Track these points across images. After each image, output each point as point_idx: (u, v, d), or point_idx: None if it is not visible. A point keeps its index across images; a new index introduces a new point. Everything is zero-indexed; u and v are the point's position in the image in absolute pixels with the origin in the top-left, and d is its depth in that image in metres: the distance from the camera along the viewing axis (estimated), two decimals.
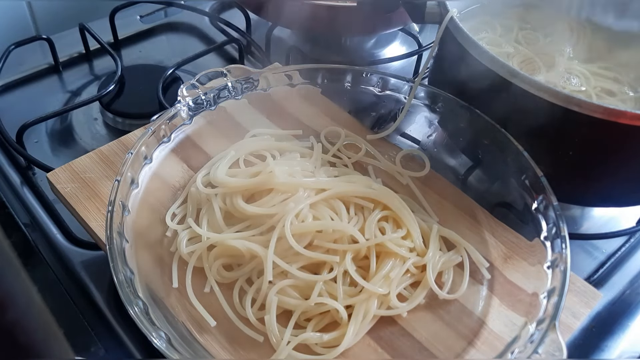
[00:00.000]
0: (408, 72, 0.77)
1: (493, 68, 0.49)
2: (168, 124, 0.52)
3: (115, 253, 0.41)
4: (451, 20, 0.53)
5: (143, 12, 0.85)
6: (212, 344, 0.43)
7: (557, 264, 0.44)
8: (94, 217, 0.50)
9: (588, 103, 0.45)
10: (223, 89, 0.56)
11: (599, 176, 0.51)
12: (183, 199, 0.52)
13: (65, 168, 0.53)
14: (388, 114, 0.60)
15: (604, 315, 0.54)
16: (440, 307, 0.47)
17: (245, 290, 0.46)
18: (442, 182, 0.56)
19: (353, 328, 0.44)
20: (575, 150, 0.49)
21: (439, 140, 0.58)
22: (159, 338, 0.38)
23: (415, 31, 0.83)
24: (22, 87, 0.73)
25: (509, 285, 0.48)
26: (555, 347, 0.38)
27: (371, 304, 0.45)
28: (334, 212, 0.49)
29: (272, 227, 0.47)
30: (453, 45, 0.53)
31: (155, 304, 0.42)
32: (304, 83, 0.58)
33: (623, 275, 0.58)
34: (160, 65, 0.77)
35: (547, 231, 0.46)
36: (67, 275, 0.53)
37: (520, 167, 0.50)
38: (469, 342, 0.45)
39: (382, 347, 0.45)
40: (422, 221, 0.51)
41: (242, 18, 0.81)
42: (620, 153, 0.49)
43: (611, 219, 0.62)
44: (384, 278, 0.46)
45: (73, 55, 0.78)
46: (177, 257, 0.48)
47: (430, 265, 0.48)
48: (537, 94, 0.47)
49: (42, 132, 0.67)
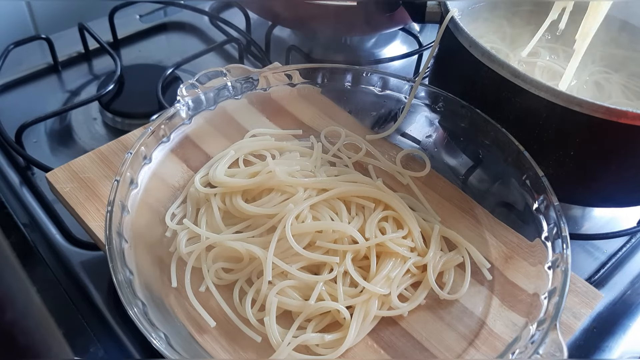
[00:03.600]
0: (408, 72, 0.77)
1: (494, 68, 0.49)
2: (167, 124, 0.52)
3: (115, 253, 0.41)
4: (451, 19, 0.53)
5: (142, 11, 0.85)
6: (211, 344, 0.43)
7: (558, 264, 0.44)
8: (93, 217, 0.49)
9: (589, 103, 0.45)
10: (223, 88, 0.56)
11: (600, 176, 0.51)
12: (183, 199, 0.52)
13: (64, 168, 0.53)
14: (388, 113, 0.60)
15: (604, 315, 0.54)
16: (440, 307, 0.47)
17: (245, 290, 0.46)
18: (442, 182, 0.56)
19: (354, 329, 0.43)
20: (576, 150, 0.49)
21: (439, 140, 0.58)
22: (159, 339, 0.38)
23: (415, 31, 0.83)
24: (21, 86, 0.73)
25: (510, 286, 0.48)
26: (556, 347, 0.38)
27: (372, 304, 0.45)
28: (334, 213, 0.49)
29: (272, 227, 0.47)
30: (454, 44, 0.53)
31: (155, 305, 0.42)
32: (304, 83, 0.58)
33: (624, 275, 0.57)
34: (160, 64, 0.76)
35: (548, 231, 0.46)
36: (66, 275, 0.53)
37: (521, 167, 0.50)
38: (470, 342, 0.45)
39: (382, 347, 0.44)
40: (424, 221, 0.51)
41: (242, 17, 0.81)
42: (622, 153, 0.49)
43: (612, 219, 0.62)
44: (385, 278, 0.46)
45: (72, 54, 0.78)
46: (177, 257, 0.48)
47: (431, 265, 0.48)
48: (538, 94, 0.47)
49: (41, 132, 0.67)
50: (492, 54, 0.49)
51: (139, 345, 0.48)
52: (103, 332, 0.49)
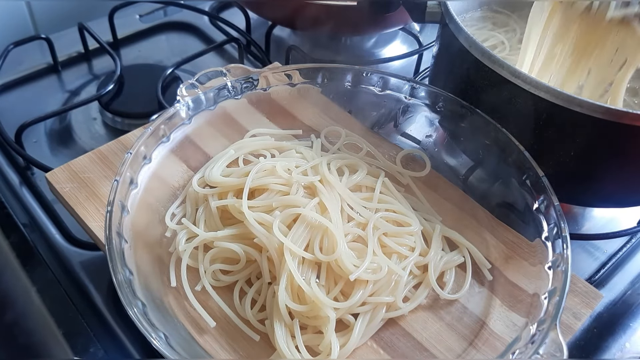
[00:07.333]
0: (408, 72, 0.77)
1: (494, 68, 0.49)
2: (167, 124, 0.52)
3: (115, 253, 0.41)
4: (452, 19, 0.53)
5: (142, 11, 0.85)
6: (211, 344, 0.43)
7: (558, 264, 0.44)
8: (93, 218, 0.49)
9: (590, 103, 0.45)
10: (222, 88, 0.55)
11: (600, 176, 0.51)
12: (182, 199, 0.52)
13: (64, 168, 0.53)
14: (388, 113, 0.60)
15: (605, 315, 0.54)
16: (441, 307, 0.47)
17: (245, 291, 0.46)
18: (442, 182, 0.56)
19: (358, 330, 0.43)
20: (576, 150, 0.49)
21: (439, 140, 0.58)
22: (158, 339, 0.38)
23: (415, 30, 0.83)
24: (21, 86, 0.73)
25: (510, 286, 0.48)
26: (556, 347, 0.38)
27: (379, 309, 0.45)
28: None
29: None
30: (454, 44, 0.53)
31: (155, 305, 0.42)
32: (304, 83, 0.58)
33: (624, 275, 0.57)
34: (160, 64, 0.76)
35: (548, 231, 0.46)
36: (66, 275, 0.53)
37: (521, 167, 0.50)
38: (470, 342, 0.45)
39: (382, 347, 0.44)
40: (425, 220, 0.51)
41: (242, 17, 0.81)
42: (622, 153, 0.49)
43: (612, 219, 0.62)
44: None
45: (72, 54, 0.78)
46: (176, 257, 0.48)
47: (432, 265, 0.48)
48: (538, 94, 0.47)
49: (41, 132, 0.67)
50: (492, 54, 0.49)
51: (138, 345, 0.48)
52: (103, 332, 0.49)
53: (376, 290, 0.45)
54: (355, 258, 0.45)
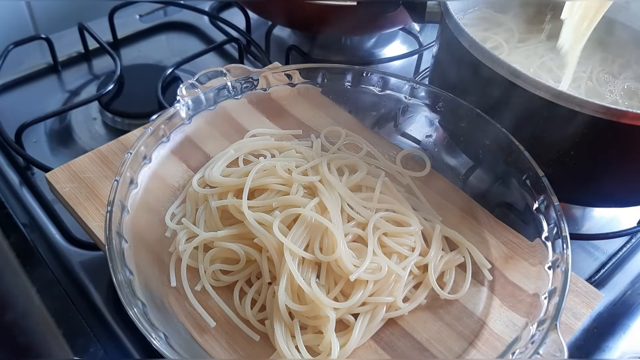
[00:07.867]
0: (408, 72, 0.77)
1: (494, 68, 0.49)
2: (167, 124, 0.52)
3: (115, 253, 0.41)
4: (452, 19, 0.53)
5: (142, 11, 0.85)
6: (211, 344, 0.43)
7: (558, 264, 0.44)
8: (93, 218, 0.49)
9: (589, 103, 0.45)
10: (222, 88, 0.55)
11: (600, 176, 0.51)
12: (182, 199, 0.52)
13: (64, 168, 0.53)
14: (388, 113, 0.60)
15: (605, 315, 0.54)
16: (441, 307, 0.47)
17: (245, 291, 0.46)
18: (442, 182, 0.56)
19: (358, 330, 0.43)
20: (576, 150, 0.49)
21: (439, 140, 0.58)
22: (158, 339, 0.38)
23: (415, 30, 0.83)
24: (21, 86, 0.73)
25: (510, 286, 0.48)
26: (556, 347, 0.38)
27: (379, 310, 0.45)
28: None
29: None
30: (454, 44, 0.53)
31: (155, 305, 0.42)
32: (304, 83, 0.58)
33: (624, 275, 0.57)
34: (160, 64, 0.76)
35: (548, 231, 0.46)
36: (66, 275, 0.53)
37: (521, 167, 0.50)
38: (470, 342, 0.45)
39: (382, 347, 0.44)
40: (425, 220, 0.51)
41: (242, 17, 0.81)
42: (622, 153, 0.49)
43: (612, 219, 0.62)
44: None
45: (72, 54, 0.78)
46: (176, 256, 0.48)
47: (432, 264, 0.48)
48: (538, 94, 0.47)
49: (41, 132, 0.67)
50: (492, 54, 0.49)
51: (138, 345, 0.48)
52: (103, 332, 0.49)
53: (376, 290, 0.45)
54: (355, 258, 0.45)
